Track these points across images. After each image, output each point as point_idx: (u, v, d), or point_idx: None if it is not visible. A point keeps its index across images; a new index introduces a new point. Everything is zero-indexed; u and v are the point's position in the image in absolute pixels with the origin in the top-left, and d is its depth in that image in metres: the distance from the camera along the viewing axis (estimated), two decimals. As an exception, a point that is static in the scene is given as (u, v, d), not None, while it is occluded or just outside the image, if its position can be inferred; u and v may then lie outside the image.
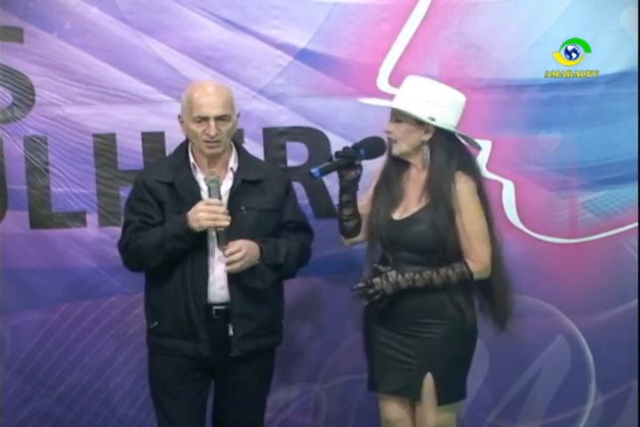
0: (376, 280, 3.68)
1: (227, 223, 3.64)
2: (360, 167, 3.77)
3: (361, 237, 3.89)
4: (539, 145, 4.38)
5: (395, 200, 3.78)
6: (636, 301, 4.42)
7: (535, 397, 4.51)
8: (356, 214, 3.84)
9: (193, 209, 3.65)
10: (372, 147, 3.79)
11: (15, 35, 4.29)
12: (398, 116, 3.75)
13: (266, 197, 3.79)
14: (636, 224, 4.41)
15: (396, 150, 3.77)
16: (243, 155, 3.85)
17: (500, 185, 4.34)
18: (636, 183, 4.37)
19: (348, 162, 3.75)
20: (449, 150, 3.75)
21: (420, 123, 3.73)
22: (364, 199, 3.89)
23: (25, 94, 4.33)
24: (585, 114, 4.36)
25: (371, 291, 3.68)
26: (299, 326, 4.40)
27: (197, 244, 3.69)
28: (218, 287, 3.72)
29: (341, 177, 3.78)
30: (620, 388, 4.50)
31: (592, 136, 4.37)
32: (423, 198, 3.74)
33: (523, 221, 4.40)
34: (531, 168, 4.38)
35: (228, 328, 3.70)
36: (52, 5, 4.28)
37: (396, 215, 3.77)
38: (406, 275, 3.67)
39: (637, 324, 4.39)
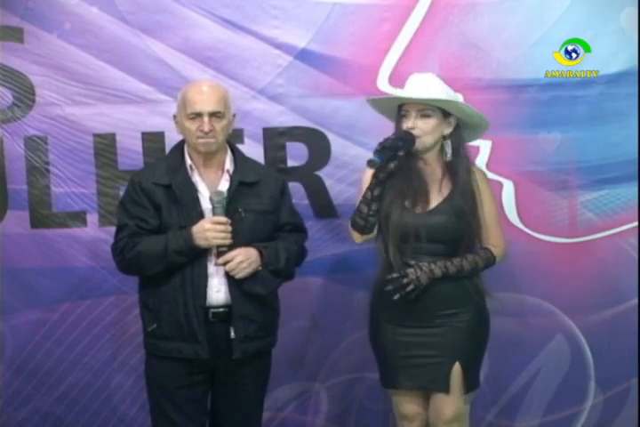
0: (410, 271, 3.64)
1: (231, 241, 3.65)
2: (399, 159, 3.65)
3: (373, 233, 3.81)
4: (538, 145, 4.37)
5: (415, 194, 3.73)
6: (636, 300, 4.43)
7: (534, 395, 4.51)
8: (378, 210, 3.74)
9: (199, 227, 3.64)
10: (407, 140, 3.67)
11: (15, 35, 4.29)
12: (427, 110, 3.69)
13: (261, 199, 3.76)
14: (636, 224, 4.41)
15: (421, 145, 3.71)
16: (238, 156, 3.82)
17: (500, 185, 4.34)
18: (636, 183, 4.37)
19: (395, 152, 3.62)
20: (463, 142, 3.77)
21: (445, 116, 3.71)
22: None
23: (25, 94, 4.33)
24: (585, 114, 4.35)
25: (405, 280, 3.63)
26: (299, 325, 4.40)
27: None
28: (215, 291, 3.70)
29: (381, 169, 3.64)
30: (619, 386, 4.50)
31: (592, 136, 4.36)
32: (443, 190, 3.75)
33: (522, 220, 4.40)
34: (530, 168, 4.38)
35: (228, 331, 3.69)
36: (52, 5, 4.28)
37: (418, 208, 3.73)
38: (438, 263, 3.66)
39: (637, 323, 4.39)
